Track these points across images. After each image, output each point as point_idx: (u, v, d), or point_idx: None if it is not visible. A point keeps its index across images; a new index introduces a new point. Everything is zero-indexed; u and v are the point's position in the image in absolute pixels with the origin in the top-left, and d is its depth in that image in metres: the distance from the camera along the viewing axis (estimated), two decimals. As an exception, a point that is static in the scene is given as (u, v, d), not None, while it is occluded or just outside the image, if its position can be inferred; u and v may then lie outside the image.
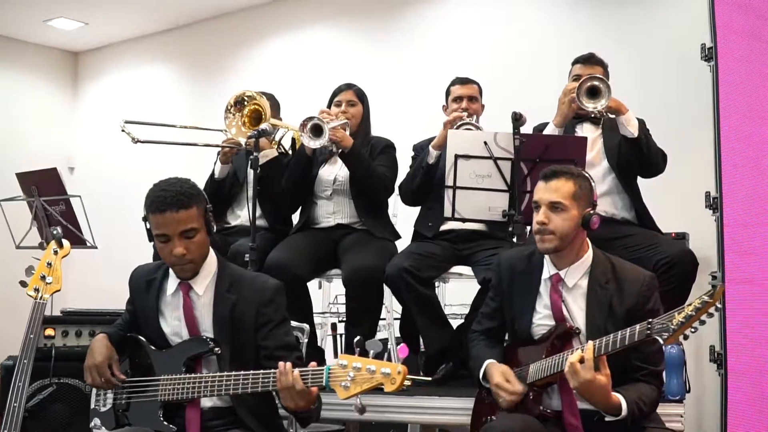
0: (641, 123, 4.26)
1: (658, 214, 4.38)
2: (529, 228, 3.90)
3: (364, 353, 2.70)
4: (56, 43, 9.42)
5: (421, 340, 4.44)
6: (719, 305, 2.62)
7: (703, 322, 2.65)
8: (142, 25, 8.91)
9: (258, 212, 4.75)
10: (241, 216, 4.84)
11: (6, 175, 5.75)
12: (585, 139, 3.89)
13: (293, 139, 4.96)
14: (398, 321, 4.70)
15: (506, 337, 3.41)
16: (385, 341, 5.02)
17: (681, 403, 3.69)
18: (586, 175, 3.15)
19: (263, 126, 4.16)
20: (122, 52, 9.44)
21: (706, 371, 4.19)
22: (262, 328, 3.10)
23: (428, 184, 4.49)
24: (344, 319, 5.04)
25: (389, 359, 4.81)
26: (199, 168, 4.88)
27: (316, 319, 5.06)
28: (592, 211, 3.10)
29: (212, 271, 3.16)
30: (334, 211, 4.61)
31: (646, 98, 5.56)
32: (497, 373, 3.14)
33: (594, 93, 3.96)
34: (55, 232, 3.46)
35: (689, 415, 3.75)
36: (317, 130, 4.32)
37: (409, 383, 3.32)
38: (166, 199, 2.99)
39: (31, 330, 3.27)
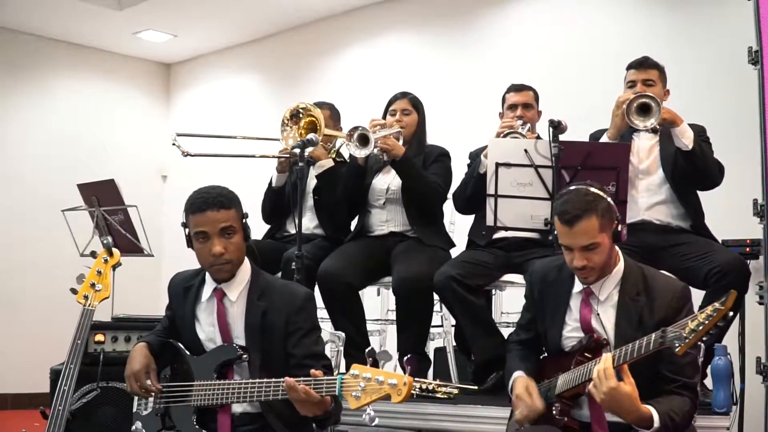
0: (700, 131, 4.17)
1: (730, 221, 4.26)
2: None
3: (375, 364, 2.72)
4: (148, 54, 9.72)
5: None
6: (732, 312, 2.55)
7: (717, 330, 2.59)
8: (229, 37, 9.12)
9: (315, 222, 4.88)
10: (300, 225, 4.91)
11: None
12: (628, 145, 3.83)
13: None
14: (453, 328, 4.69)
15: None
16: (443, 349, 5.02)
17: (727, 416, 3.59)
18: (599, 192, 3.01)
19: (309, 136, 4.23)
20: (211, 63, 9.68)
21: (752, 383, 4.05)
22: (291, 336, 3.16)
23: (480, 192, 4.46)
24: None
25: (446, 367, 4.80)
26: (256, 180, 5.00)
27: (374, 326, 5.11)
28: (619, 226, 3.04)
29: (246, 279, 3.25)
30: (387, 220, 4.66)
31: (700, 102, 5.43)
32: (521, 386, 3.13)
33: (645, 110, 3.89)
34: (105, 241, 3.60)
35: (736, 428, 3.64)
36: (363, 140, 4.37)
37: (457, 391, 3.34)
38: (207, 199, 3.12)
39: (78, 336, 3.42)
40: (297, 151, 4.12)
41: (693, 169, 4.04)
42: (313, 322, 3.24)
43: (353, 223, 4.92)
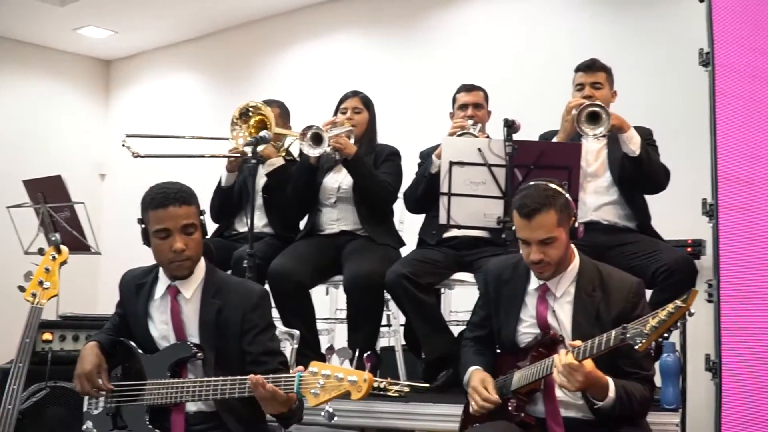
0: (647, 134, 4.23)
1: (674, 221, 4.34)
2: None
3: (334, 361, 2.71)
4: (88, 51, 9.56)
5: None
6: (692, 310, 2.59)
7: (676, 327, 2.63)
8: (171, 34, 9.01)
9: (265, 220, 4.85)
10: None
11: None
12: (580, 145, 3.88)
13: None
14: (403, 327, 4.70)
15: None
16: (390, 348, 5.03)
17: (677, 413, 3.66)
18: (558, 188, 3.06)
19: (261, 134, 4.20)
20: (152, 61, 9.55)
21: (700, 380, 4.14)
22: (247, 334, 3.13)
23: (431, 192, 4.47)
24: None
25: (394, 366, 4.82)
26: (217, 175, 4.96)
27: (323, 325, 5.10)
28: (575, 223, 3.08)
29: (200, 276, 3.21)
30: (337, 218, 4.65)
31: (650, 104, 5.53)
32: (477, 378, 3.15)
33: (594, 118, 3.94)
34: (53, 238, 3.53)
35: (690, 424, 3.71)
36: (317, 139, 4.36)
37: (408, 389, 3.34)
38: (169, 195, 3.07)
39: (27, 334, 3.34)
40: (249, 148, 4.09)
41: (639, 174, 4.11)
42: (269, 320, 3.22)
43: (302, 222, 4.89)
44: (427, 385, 4.17)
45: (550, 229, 2.97)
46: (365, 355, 2.69)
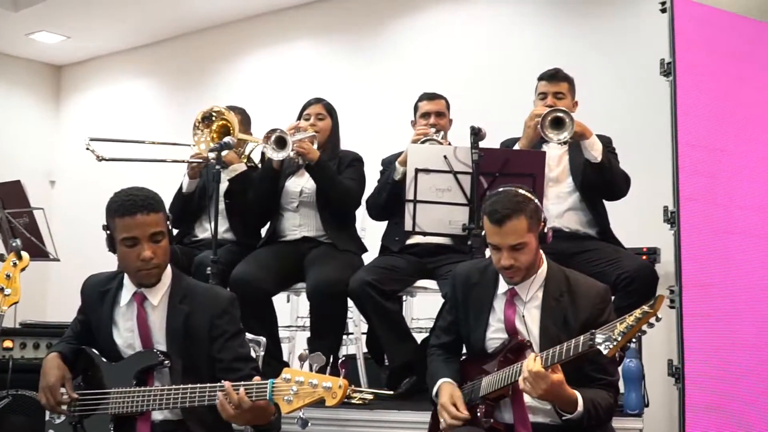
0: (607, 142, 4.29)
1: (630, 229, 4.40)
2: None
3: (308, 367, 2.70)
4: (39, 56, 9.44)
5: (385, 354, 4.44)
6: (660, 315, 2.63)
7: (643, 332, 2.66)
8: (124, 40, 8.93)
9: (226, 226, 4.81)
10: (209, 229, 4.81)
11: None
12: (544, 153, 3.92)
13: (263, 153, 4.96)
14: (365, 335, 4.70)
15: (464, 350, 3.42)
16: (352, 356, 5.02)
17: (640, 417, 3.70)
18: (528, 194, 3.10)
19: (226, 140, 4.18)
20: (105, 66, 9.45)
21: (663, 385, 4.20)
22: (217, 340, 3.08)
23: (394, 199, 4.48)
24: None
25: (355, 374, 4.81)
26: (175, 180, 4.90)
27: (284, 333, 5.07)
28: (545, 228, 3.11)
29: (167, 283, 3.16)
30: (300, 224, 4.63)
31: (611, 113, 5.61)
32: (447, 394, 3.13)
33: (558, 124, 3.98)
34: (14, 244, 3.46)
35: (647, 429, 3.75)
36: (281, 143, 4.35)
37: (372, 397, 3.33)
38: (137, 202, 3.00)
39: (-14, 342, 3.28)
40: (213, 154, 4.06)
41: (601, 181, 4.16)
42: (238, 326, 3.18)
43: (263, 229, 4.86)
44: (391, 392, 4.18)
45: (520, 235, 3.00)
46: (340, 361, 2.66)
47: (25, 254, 3.42)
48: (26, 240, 4.64)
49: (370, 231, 5.00)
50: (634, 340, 2.67)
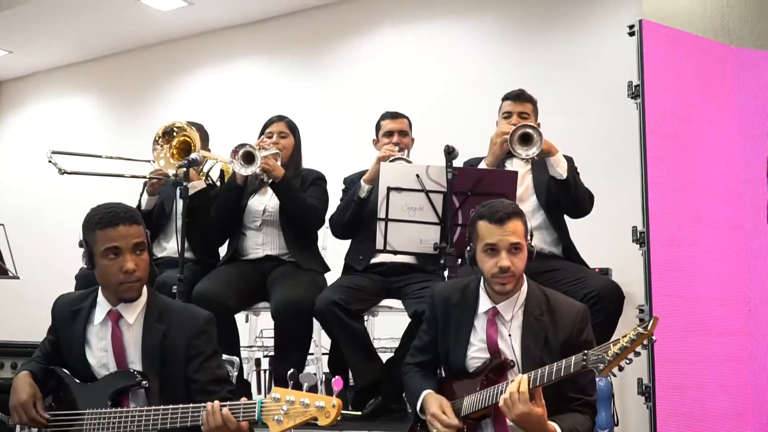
0: (570, 162, 4.33)
1: (581, 248, 4.44)
2: (459, 261, 3.92)
3: (297, 386, 2.65)
4: (-21, 71, 9.21)
5: (350, 374, 4.40)
6: (654, 337, 2.65)
7: (638, 354, 2.68)
8: (67, 55, 8.77)
9: (185, 245, 4.71)
10: (167, 248, 4.76)
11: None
12: (516, 173, 3.94)
13: (222, 171, 4.90)
14: (326, 356, 4.65)
15: (440, 370, 3.39)
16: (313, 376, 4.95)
17: (610, 436, 3.73)
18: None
19: (193, 156, 4.11)
20: (46, 81, 9.27)
21: (633, 404, 4.24)
22: (193, 361, 3.02)
23: (359, 217, 4.48)
24: (269, 353, 4.99)
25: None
26: (124, 199, 4.76)
27: (243, 353, 4.98)
28: (532, 243, 3.14)
29: (143, 301, 3.09)
30: (263, 243, 4.57)
31: (574, 134, 5.68)
32: (435, 403, 3.12)
33: (526, 140, 4.01)
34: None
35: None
36: (249, 158, 4.30)
37: (339, 417, 3.27)
38: (119, 213, 2.96)
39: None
40: (178, 170, 4.00)
41: (566, 198, 4.19)
42: (215, 346, 3.11)
43: (222, 248, 4.79)
44: (359, 413, 4.14)
45: (520, 236, 3.05)
46: (333, 378, 2.61)
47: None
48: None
49: (331, 250, 4.96)
50: (627, 360, 2.68)
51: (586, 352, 2.75)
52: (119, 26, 7.98)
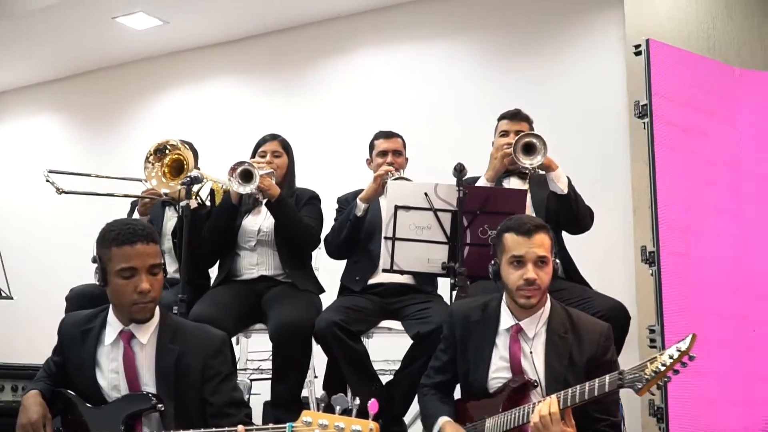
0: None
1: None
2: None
3: (329, 409, 2.55)
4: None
5: (349, 397, 4.30)
6: (693, 354, 2.62)
7: (676, 372, 2.64)
8: (38, 74, 8.60)
9: (175, 265, 4.61)
10: (158, 269, 4.62)
11: None
12: (525, 191, 3.91)
13: (212, 191, 4.79)
14: (316, 378, 4.56)
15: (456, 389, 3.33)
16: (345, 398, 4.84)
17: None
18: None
19: (194, 173, 4.03)
20: (13, 101, 9.07)
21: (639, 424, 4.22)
22: (209, 382, 2.93)
23: (355, 237, 4.42)
24: (256, 377, 4.87)
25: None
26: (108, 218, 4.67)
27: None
28: (557, 261, 3.11)
29: (156, 321, 2.99)
30: (257, 263, 4.47)
31: (559, 152, 5.69)
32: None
33: (530, 149, 3.98)
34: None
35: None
36: (247, 176, 4.21)
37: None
38: (137, 231, 2.87)
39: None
40: (180, 188, 3.93)
41: (567, 213, 4.17)
42: (230, 367, 3.05)
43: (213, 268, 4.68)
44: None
45: (547, 249, 3.03)
46: (369, 402, 2.51)
47: (-19, 291, 3.19)
48: (-26, 278, 4.30)
49: (323, 270, 4.87)
50: (665, 378, 2.65)
51: (622, 371, 2.71)
52: (93, 45, 7.82)
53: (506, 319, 3.12)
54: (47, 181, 4.23)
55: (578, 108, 6.10)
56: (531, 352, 3.06)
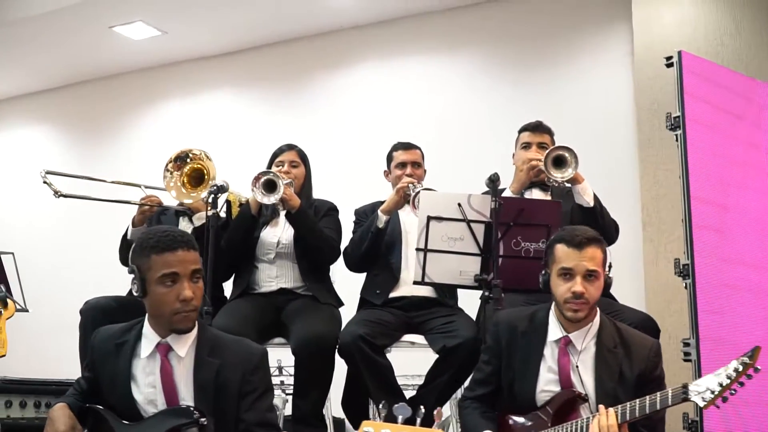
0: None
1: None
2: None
3: (391, 419, 2.46)
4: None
5: (371, 411, 4.21)
6: (759, 367, 2.56)
7: (741, 384, 2.59)
8: (32, 83, 8.48)
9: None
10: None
11: None
12: (560, 203, 3.84)
13: (228, 202, 4.68)
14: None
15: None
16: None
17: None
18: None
19: (220, 182, 3.94)
20: (7, 111, 8.89)
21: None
22: (246, 398, 2.83)
23: (376, 249, 4.34)
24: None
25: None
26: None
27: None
28: (610, 274, 3.04)
29: (194, 333, 2.88)
30: (277, 275, 4.37)
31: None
32: None
33: (560, 162, 3.93)
34: (-1, 292, 3.09)
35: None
36: (271, 186, 4.12)
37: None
38: (177, 237, 2.78)
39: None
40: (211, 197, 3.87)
41: (592, 227, 4.10)
42: (268, 384, 2.94)
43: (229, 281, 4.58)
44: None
45: (598, 264, 2.97)
46: (435, 411, 2.43)
47: (10, 302, 3.07)
48: (-12, 290, 4.13)
49: (339, 283, 4.77)
50: (730, 391, 2.59)
51: (686, 384, 2.65)
52: (89, 55, 7.70)
53: (555, 331, 3.06)
54: (44, 182, 4.18)
55: (585, 121, 6.07)
56: (577, 366, 2.99)
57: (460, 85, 6.74)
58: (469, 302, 4.31)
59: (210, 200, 3.91)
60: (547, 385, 3.03)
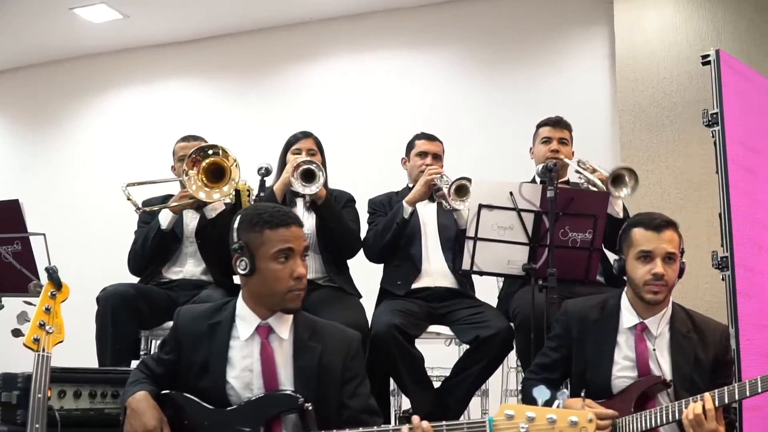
0: None
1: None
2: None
3: (530, 401, 2.42)
4: None
5: (401, 402, 4.19)
6: None
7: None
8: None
9: (201, 266, 4.39)
10: (183, 271, 4.38)
11: None
12: (608, 194, 3.89)
13: (237, 191, 4.54)
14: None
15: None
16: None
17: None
18: None
19: (265, 164, 3.85)
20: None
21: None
22: (348, 384, 2.77)
23: (399, 240, 4.31)
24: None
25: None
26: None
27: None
28: (684, 261, 3.10)
29: (291, 315, 2.79)
30: (299, 265, 4.26)
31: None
32: (577, 403, 2.92)
33: (619, 180, 4.04)
34: (51, 271, 2.91)
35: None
36: (310, 176, 4.03)
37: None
38: (288, 214, 2.72)
39: (38, 388, 2.72)
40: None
41: (615, 237, 4.18)
42: (365, 370, 2.88)
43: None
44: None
45: (676, 246, 3.03)
46: (583, 391, 2.40)
47: (65, 283, 2.90)
48: (14, 272, 3.84)
49: (355, 274, 4.70)
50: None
51: (784, 369, 2.73)
52: (44, 36, 7.38)
53: (629, 318, 3.10)
54: (128, 199, 4.09)
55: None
56: (654, 350, 3.04)
57: (436, 82, 6.77)
58: (484, 295, 4.36)
59: (258, 184, 3.79)
60: (622, 371, 3.06)
